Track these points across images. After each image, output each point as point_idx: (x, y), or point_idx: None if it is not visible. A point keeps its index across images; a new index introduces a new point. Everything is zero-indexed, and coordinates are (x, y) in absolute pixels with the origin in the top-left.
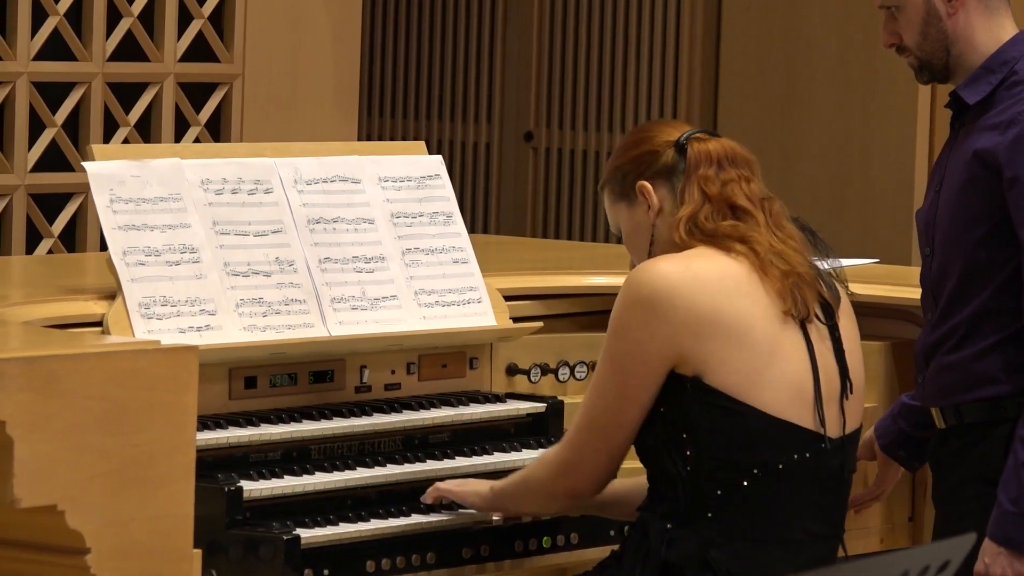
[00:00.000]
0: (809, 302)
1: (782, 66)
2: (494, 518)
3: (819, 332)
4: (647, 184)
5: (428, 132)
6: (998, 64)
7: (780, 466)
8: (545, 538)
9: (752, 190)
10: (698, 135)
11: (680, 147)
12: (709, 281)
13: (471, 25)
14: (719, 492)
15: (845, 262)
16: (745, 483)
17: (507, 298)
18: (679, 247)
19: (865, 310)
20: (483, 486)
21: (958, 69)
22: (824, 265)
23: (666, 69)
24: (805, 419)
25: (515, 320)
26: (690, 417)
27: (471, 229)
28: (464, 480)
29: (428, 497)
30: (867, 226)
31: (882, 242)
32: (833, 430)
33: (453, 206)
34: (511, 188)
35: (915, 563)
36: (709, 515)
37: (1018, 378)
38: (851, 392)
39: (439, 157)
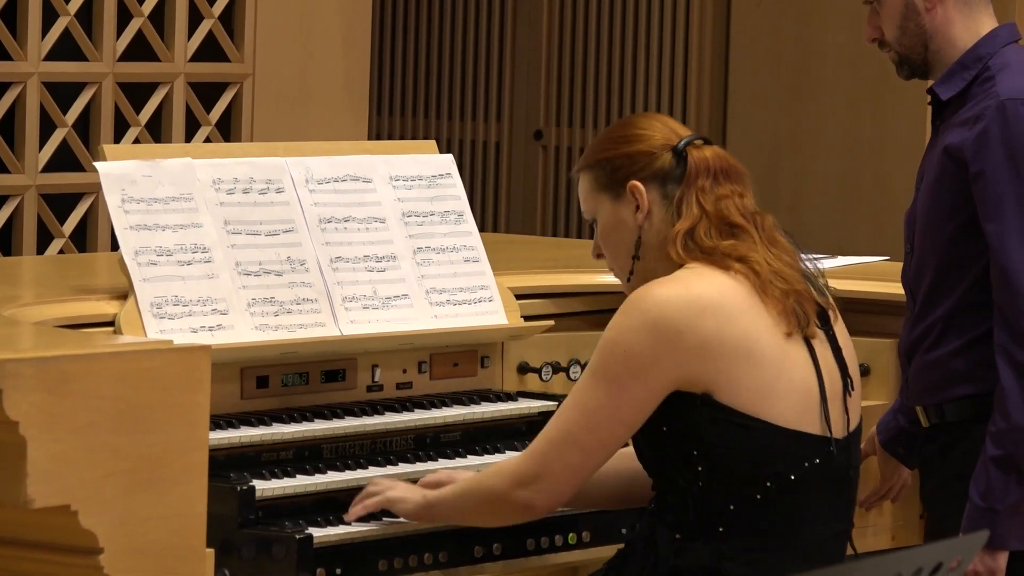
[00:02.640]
0: (810, 316)
1: (792, 64)
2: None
3: (819, 338)
4: (640, 185)
5: (438, 131)
6: (973, 60)
7: (792, 476)
8: (557, 536)
9: (745, 205)
10: (696, 142)
11: (679, 153)
12: (711, 304)
13: (481, 24)
14: (731, 507)
15: (852, 260)
16: (758, 496)
17: (518, 297)
18: (673, 263)
19: (875, 307)
20: (415, 494)
21: (936, 65)
22: (810, 266)
23: (675, 67)
24: (813, 425)
25: (526, 319)
26: (701, 434)
27: (481, 227)
28: (392, 484)
29: (352, 516)
30: (878, 224)
31: (893, 240)
32: (838, 430)
33: (464, 205)
34: (521, 186)
35: (928, 560)
36: (721, 529)
37: (996, 375)
38: (852, 389)
39: (450, 156)
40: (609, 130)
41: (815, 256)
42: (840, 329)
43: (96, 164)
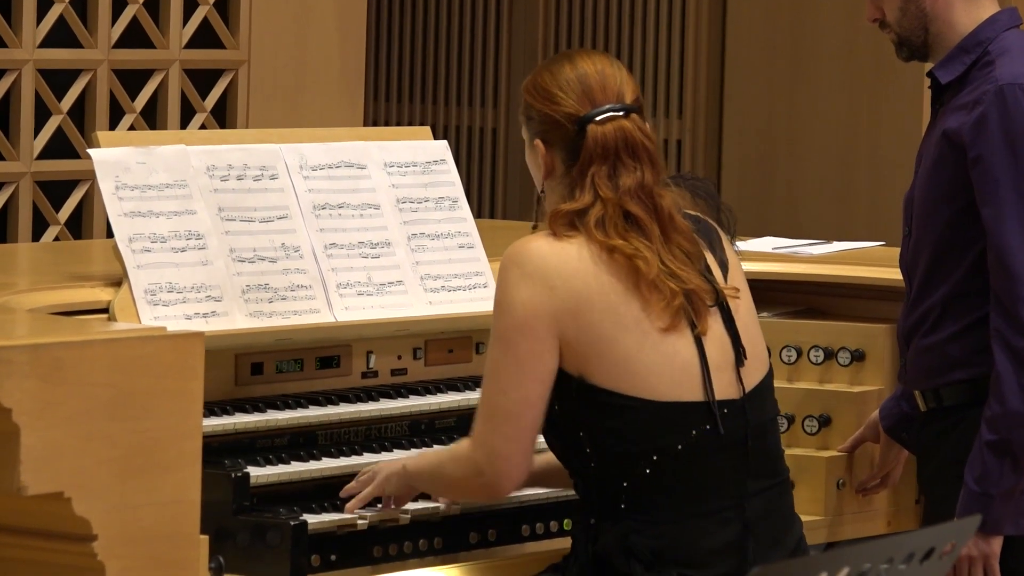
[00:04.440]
0: (698, 312)
1: (789, 49)
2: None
3: (709, 318)
4: (542, 147)
5: (435, 117)
6: (973, 44)
7: (679, 447)
8: (552, 522)
9: (645, 187)
10: (601, 116)
11: (581, 125)
12: (581, 267)
13: (477, 10)
14: (625, 484)
15: (848, 245)
16: (648, 471)
17: None
18: (553, 233)
19: (871, 292)
20: (395, 466)
21: (936, 48)
22: (716, 224)
23: (672, 53)
24: (694, 393)
25: None
26: (581, 417)
27: (478, 214)
28: (378, 468)
29: (350, 509)
30: (874, 209)
31: (890, 225)
32: (732, 394)
33: (459, 191)
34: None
35: (921, 545)
36: (623, 506)
37: (992, 360)
38: (745, 358)
39: (444, 142)
40: (546, 70)
41: (803, 242)
42: (740, 305)
43: (90, 151)
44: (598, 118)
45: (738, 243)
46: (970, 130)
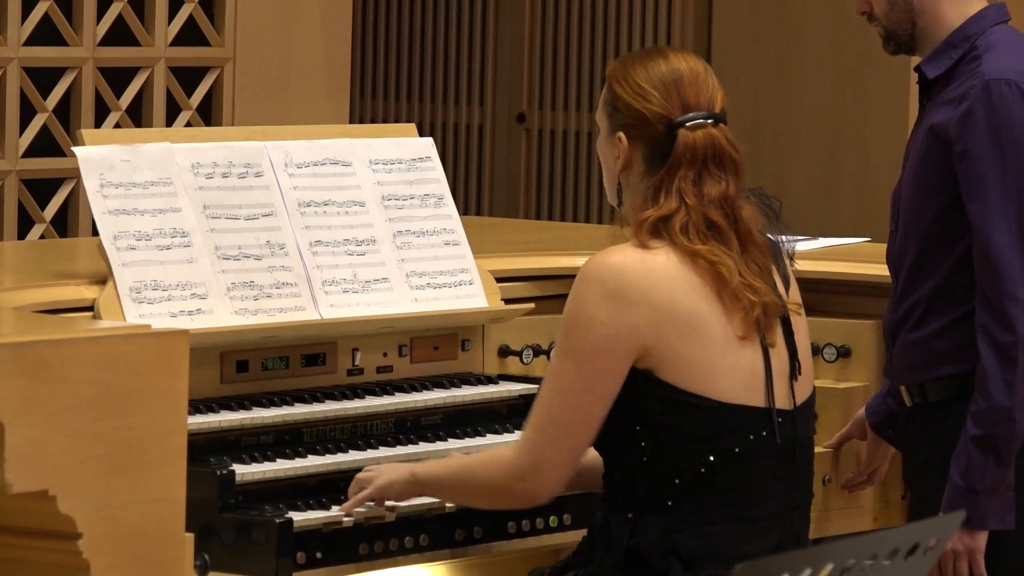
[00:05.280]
0: (769, 324)
1: (775, 44)
2: None
3: (775, 332)
4: (625, 141)
5: (421, 115)
6: (960, 39)
7: (736, 450)
8: (538, 519)
9: (728, 198)
10: (692, 123)
11: (671, 128)
12: (666, 277)
13: (463, 7)
14: (677, 481)
15: (834, 241)
16: (703, 470)
17: (499, 279)
18: (640, 244)
19: (856, 289)
20: (402, 473)
21: (923, 42)
22: (780, 240)
23: None
24: (757, 399)
25: (507, 302)
26: (643, 410)
27: (464, 211)
28: (378, 471)
29: (346, 509)
30: (860, 205)
31: (875, 221)
32: (785, 404)
33: (444, 188)
34: (504, 170)
35: (905, 541)
36: (669, 503)
37: (978, 355)
38: (800, 373)
39: (430, 139)
40: (639, 63)
41: (797, 239)
42: (798, 321)
43: (74, 149)
44: (689, 124)
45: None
46: (956, 125)
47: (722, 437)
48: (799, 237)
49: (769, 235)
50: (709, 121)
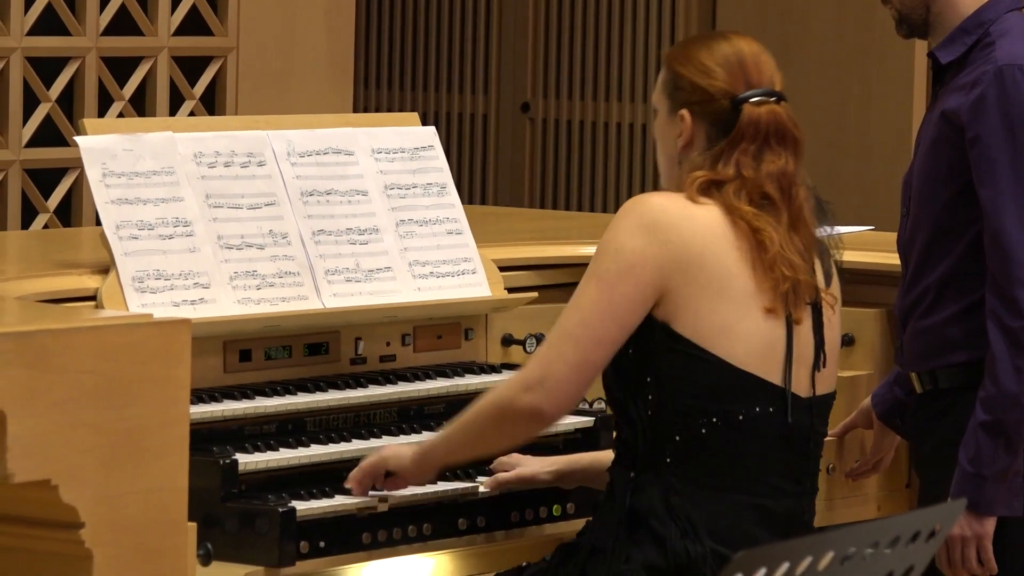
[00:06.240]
0: (800, 303)
1: (778, 32)
2: (481, 489)
3: (803, 317)
4: (688, 118)
5: (425, 104)
6: (974, 25)
7: (740, 417)
8: (542, 508)
9: (787, 174)
10: (756, 99)
11: (736, 103)
12: (704, 227)
13: None
14: (677, 438)
15: (839, 230)
16: (704, 430)
17: (502, 268)
18: (688, 197)
19: (860, 277)
20: (405, 452)
21: (937, 27)
22: (826, 232)
23: (662, 37)
24: (773, 375)
25: (510, 290)
26: (655, 361)
27: (468, 200)
28: (381, 459)
29: (352, 482)
30: (864, 193)
31: (879, 209)
32: (802, 391)
33: (447, 177)
34: (508, 159)
35: (907, 529)
36: (668, 460)
37: (987, 343)
38: (824, 365)
39: (432, 128)
40: (701, 44)
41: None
42: (833, 318)
43: (77, 138)
44: (754, 99)
45: None
46: (968, 111)
47: (728, 401)
48: None
49: (819, 232)
50: (772, 99)
